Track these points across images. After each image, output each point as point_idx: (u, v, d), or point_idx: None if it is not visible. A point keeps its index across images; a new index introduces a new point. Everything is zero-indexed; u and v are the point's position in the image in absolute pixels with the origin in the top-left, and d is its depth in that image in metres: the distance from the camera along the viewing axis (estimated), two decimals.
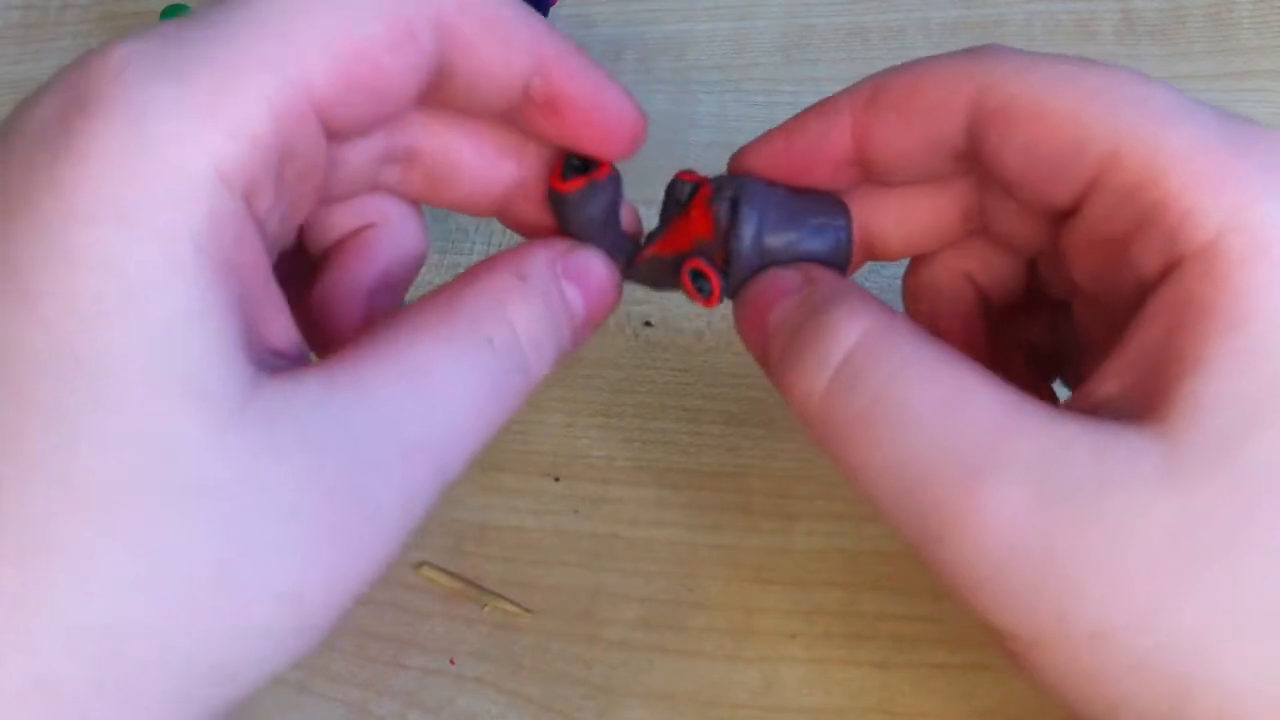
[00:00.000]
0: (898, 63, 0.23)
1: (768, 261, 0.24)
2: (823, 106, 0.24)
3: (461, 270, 0.37)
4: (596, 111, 0.23)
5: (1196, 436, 0.18)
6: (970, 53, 0.22)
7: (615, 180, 0.24)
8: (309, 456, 0.18)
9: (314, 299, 0.25)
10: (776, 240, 0.24)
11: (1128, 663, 0.19)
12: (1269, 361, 0.18)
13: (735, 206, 0.24)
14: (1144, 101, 0.20)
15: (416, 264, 0.26)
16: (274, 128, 0.19)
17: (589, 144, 0.24)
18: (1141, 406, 0.19)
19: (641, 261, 0.25)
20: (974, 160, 0.22)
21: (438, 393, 0.21)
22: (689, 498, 0.31)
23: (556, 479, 0.32)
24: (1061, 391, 0.27)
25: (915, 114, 0.22)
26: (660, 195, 0.26)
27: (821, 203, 0.24)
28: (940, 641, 0.29)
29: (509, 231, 0.26)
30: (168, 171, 0.18)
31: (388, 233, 0.25)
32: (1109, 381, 0.20)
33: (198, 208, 0.18)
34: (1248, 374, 0.18)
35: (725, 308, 0.25)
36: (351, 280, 0.25)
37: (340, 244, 0.25)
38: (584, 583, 0.30)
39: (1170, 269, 0.20)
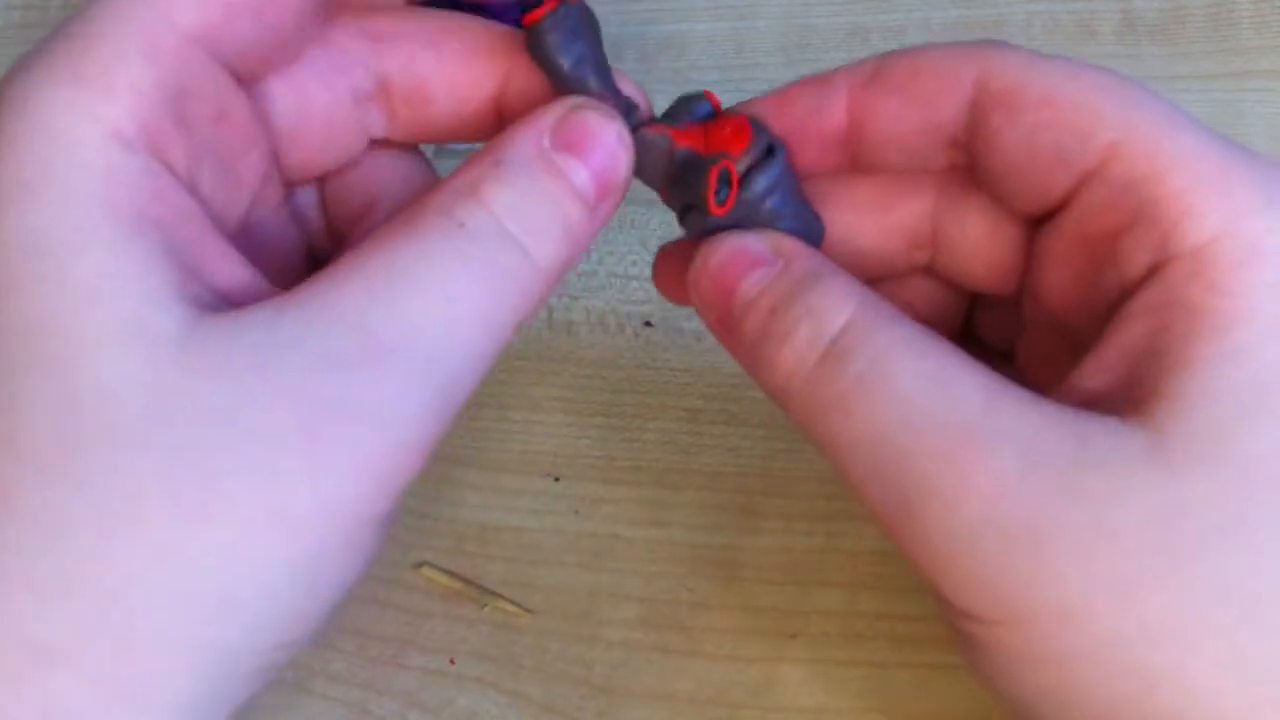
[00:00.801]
0: None
1: (757, 217, 0.23)
2: (818, 80, 0.23)
3: None
4: None
5: (1182, 430, 0.19)
6: (976, 43, 0.22)
7: (587, 10, 0.23)
8: (266, 377, 0.18)
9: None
10: (778, 204, 0.23)
11: (1094, 648, 0.19)
12: (1256, 364, 0.19)
13: (770, 152, 0.23)
14: (1148, 104, 0.21)
15: None
16: (152, 73, 0.19)
17: None
18: (1125, 402, 0.20)
19: (649, 133, 0.23)
20: (967, 149, 0.22)
21: (407, 289, 0.19)
22: (689, 498, 0.31)
23: (556, 479, 0.32)
24: None
25: (917, 94, 0.22)
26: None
27: (808, 202, 0.24)
28: (940, 641, 0.29)
29: None
30: (59, 141, 0.18)
31: (392, 197, 0.24)
32: (1090, 379, 0.20)
33: (95, 168, 0.18)
34: (1234, 375, 0.19)
35: None
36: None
37: (353, 222, 0.25)
38: (584, 583, 0.30)
39: (1157, 269, 0.20)
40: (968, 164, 0.23)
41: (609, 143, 0.22)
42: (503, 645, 0.30)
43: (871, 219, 0.24)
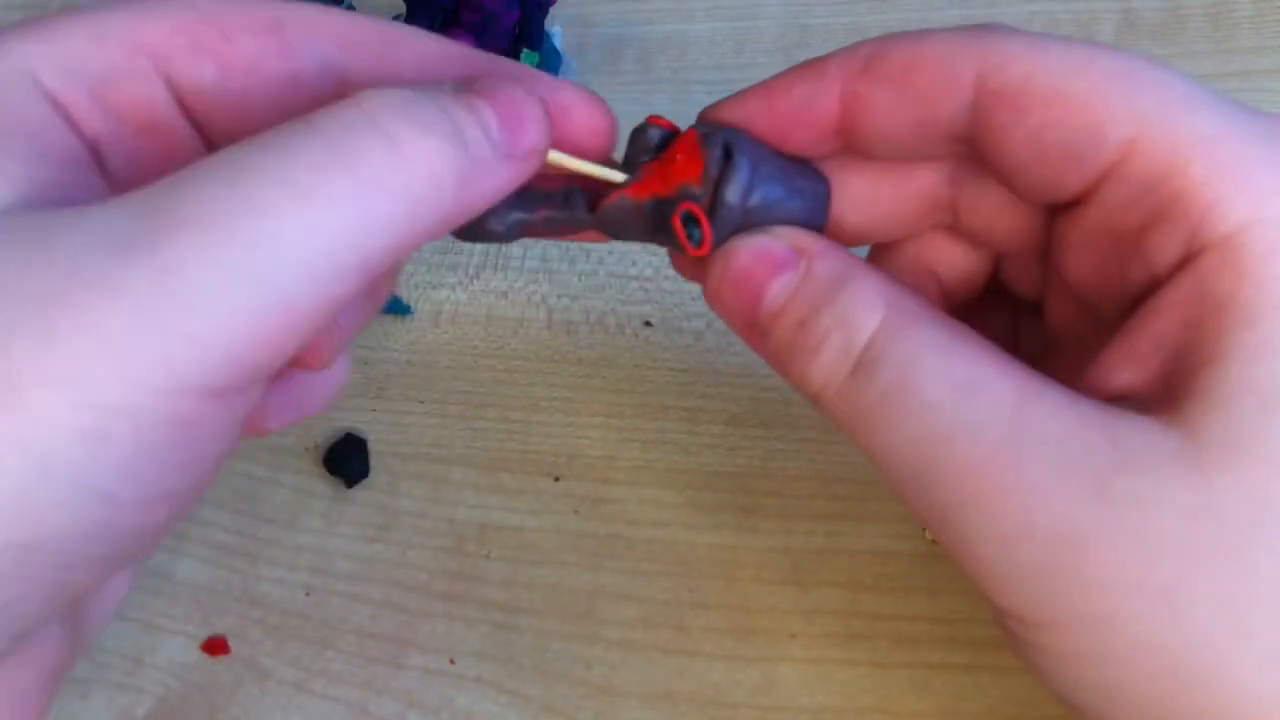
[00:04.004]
0: None
1: (750, 219, 0.22)
2: (810, 69, 0.22)
3: (460, 272, 0.37)
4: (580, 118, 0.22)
5: (1214, 427, 0.18)
6: (975, 29, 0.21)
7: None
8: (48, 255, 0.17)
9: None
10: (764, 196, 0.22)
11: (1132, 650, 0.19)
12: None
13: (728, 155, 0.22)
14: (1163, 87, 0.20)
15: None
16: (86, 50, 0.20)
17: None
18: (1157, 398, 0.19)
19: (610, 204, 0.23)
20: (970, 144, 0.21)
21: (220, 170, 0.18)
22: (689, 498, 0.31)
23: (556, 479, 0.32)
24: None
25: (913, 90, 0.21)
26: None
27: (803, 167, 0.23)
28: (940, 641, 0.29)
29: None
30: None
31: None
32: (1121, 372, 0.20)
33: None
34: (1266, 368, 0.18)
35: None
36: None
37: None
38: (584, 583, 0.30)
39: (1188, 260, 0.19)
40: (972, 156, 0.22)
41: (516, 97, 0.21)
42: (503, 645, 0.30)
43: (888, 186, 0.24)
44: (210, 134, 0.22)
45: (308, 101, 0.22)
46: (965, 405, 0.19)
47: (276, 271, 0.17)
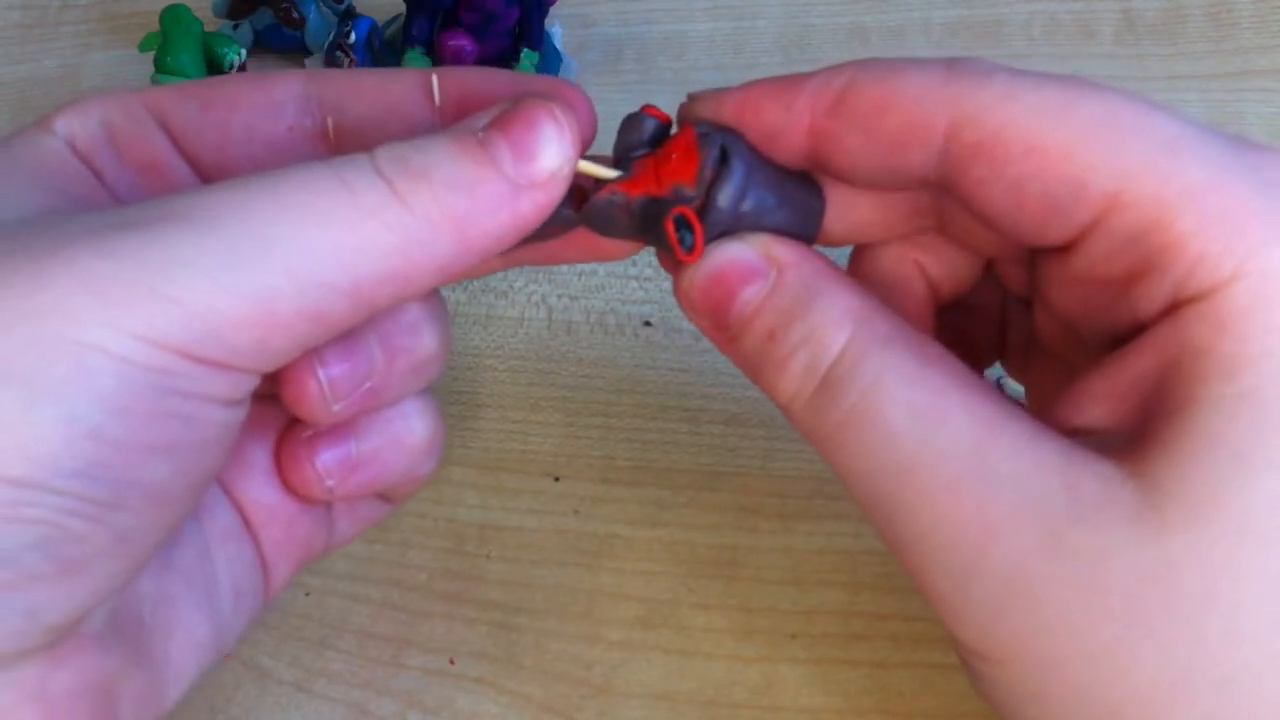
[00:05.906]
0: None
1: (740, 224, 0.22)
2: (782, 94, 0.21)
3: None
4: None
5: (1177, 481, 0.18)
6: (950, 70, 0.20)
7: None
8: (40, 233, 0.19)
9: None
10: (755, 203, 0.22)
11: (1073, 696, 0.19)
12: (1260, 411, 0.18)
13: (724, 158, 0.22)
14: (1147, 132, 0.19)
15: None
16: (95, 109, 0.24)
17: None
18: (1123, 441, 0.19)
19: (600, 198, 0.22)
20: (945, 186, 0.21)
21: (224, 185, 0.20)
22: (689, 498, 0.31)
23: (556, 479, 0.32)
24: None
25: (883, 136, 0.20)
26: None
27: (799, 178, 0.23)
28: (940, 641, 0.29)
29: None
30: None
31: None
32: (1092, 408, 0.20)
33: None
34: (1236, 422, 0.18)
35: None
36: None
37: None
38: (584, 583, 0.30)
39: (1172, 310, 0.19)
40: (946, 190, 0.21)
41: (532, 115, 0.21)
42: (503, 645, 0.30)
43: (869, 194, 0.23)
44: (207, 176, 0.24)
45: (288, 133, 0.24)
46: (926, 437, 0.19)
47: (263, 267, 0.19)
